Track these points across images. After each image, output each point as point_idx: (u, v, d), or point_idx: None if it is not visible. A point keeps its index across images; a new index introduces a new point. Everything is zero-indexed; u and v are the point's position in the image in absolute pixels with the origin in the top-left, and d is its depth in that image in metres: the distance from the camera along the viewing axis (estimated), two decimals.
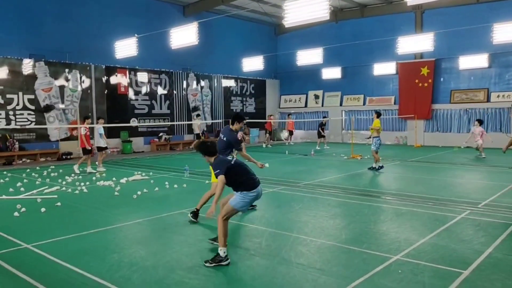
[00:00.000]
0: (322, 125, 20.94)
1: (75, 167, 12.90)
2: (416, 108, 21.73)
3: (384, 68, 22.93)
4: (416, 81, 21.95)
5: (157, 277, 4.51)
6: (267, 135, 23.01)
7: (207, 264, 4.84)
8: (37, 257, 5.25)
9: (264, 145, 21.82)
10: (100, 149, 13.51)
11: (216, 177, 5.02)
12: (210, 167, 5.47)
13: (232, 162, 5.13)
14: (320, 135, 20.71)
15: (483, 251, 5.18)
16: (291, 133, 24.06)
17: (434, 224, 6.46)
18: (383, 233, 6.07)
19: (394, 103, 23.09)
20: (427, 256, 5.02)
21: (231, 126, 7.18)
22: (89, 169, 13.01)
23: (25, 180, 11.32)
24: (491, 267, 4.69)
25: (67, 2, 17.86)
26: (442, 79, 21.64)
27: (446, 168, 13.14)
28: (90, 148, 13.10)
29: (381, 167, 12.43)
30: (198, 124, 12.41)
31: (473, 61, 20.23)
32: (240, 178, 5.05)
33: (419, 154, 17.09)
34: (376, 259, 4.97)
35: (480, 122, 16.42)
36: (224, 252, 4.87)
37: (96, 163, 13.50)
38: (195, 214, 6.85)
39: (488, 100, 20.17)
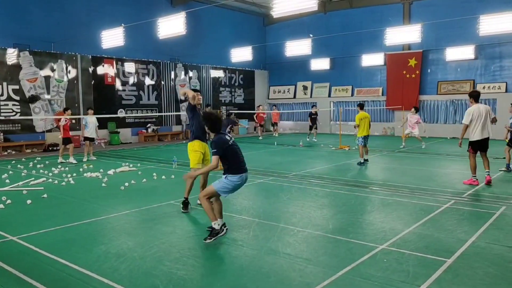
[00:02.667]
0: (312, 115, 20.37)
1: (69, 159, 13.04)
2: (403, 99, 21.88)
3: (372, 59, 23.04)
4: (404, 72, 22.10)
5: (144, 268, 4.51)
6: (260, 127, 22.90)
7: (207, 241, 5.18)
8: (23, 249, 5.20)
9: (260, 138, 21.62)
10: (87, 139, 13.64)
11: (212, 155, 5.19)
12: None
13: (230, 143, 5.26)
14: (311, 127, 20.19)
15: (467, 240, 5.28)
16: (275, 124, 23.99)
17: (419, 214, 6.55)
18: (369, 223, 6.15)
19: (382, 94, 23.23)
20: (412, 245, 5.11)
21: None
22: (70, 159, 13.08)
23: (10, 172, 11.18)
24: (474, 255, 4.79)
25: None
26: (429, 71, 21.81)
27: (432, 158, 13.30)
28: (70, 137, 13.16)
29: (360, 163, 11.98)
30: None
31: (459, 53, 20.43)
32: (230, 161, 5.22)
33: (406, 144, 17.24)
34: (362, 248, 5.03)
35: (416, 109, 16.34)
36: (218, 225, 5.23)
37: (89, 153, 13.81)
38: (185, 204, 6.94)
39: None
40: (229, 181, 5.23)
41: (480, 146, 8.66)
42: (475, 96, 8.65)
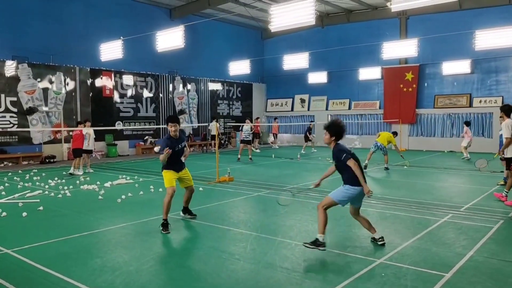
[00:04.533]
0: (309, 130, 21.05)
1: (76, 171, 13.06)
2: (400, 113, 22.00)
3: (369, 73, 23.19)
4: (401, 86, 22.24)
5: (140, 282, 4.47)
6: (256, 139, 22.95)
7: (307, 245, 5.17)
8: (17, 262, 5.15)
9: (254, 149, 21.66)
10: (86, 151, 13.66)
11: (346, 160, 5.25)
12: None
13: (352, 152, 5.38)
14: (307, 139, 20.75)
15: (465, 254, 5.26)
16: (275, 136, 24.23)
17: (417, 228, 6.53)
18: (367, 237, 6.11)
19: (379, 108, 23.33)
20: (410, 259, 5.08)
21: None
22: (77, 171, 13.08)
23: (6, 184, 11.12)
24: (472, 270, 4.76)
25: (52, 3, 17.67)
26: (426, 84, 21.96)
27: (429, 172, 13.31)
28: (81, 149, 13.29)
29: (365, 166, 13.29)
30: (217, 126, 12.93)
31: (456, 67, 20.60)
32: (351, 171, 5.25)
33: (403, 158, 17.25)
34: (360, 262, 5.00)
35: (466, 123, 16.91)
36: (323, 239, 5.17)
37: (86, 165, 13.82)
38: (165, 225, 6.52)
39: (470, 105, 20.54)
40: (347, 191, 5.33)
41: None
42: (506, 110, 8.36)
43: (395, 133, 14.76)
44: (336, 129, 5.38)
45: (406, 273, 4.65)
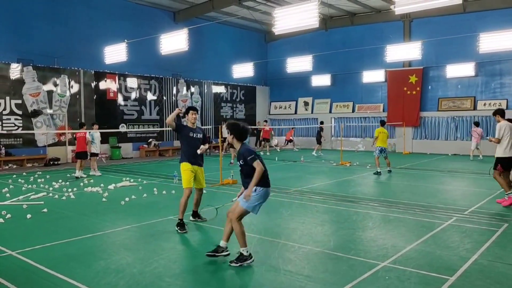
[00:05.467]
0: (321, 130, 21.17)
1: (78, 172, 13.04)
2: (404, 116, 21.96)
3: (373, 76, 23.16)
4: (405, 88, 22.20)
5: (144, 284, 4.47)
6: (264, 142, 22.94)
7: (233, 264, 4.98)
8: (21, 264, 5.17)
9: (263, 153, 21.61)
10: (93, 154, 13.74)
11: (253, 162, 4.90)
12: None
13: (257, 153, 5.11)
14: (319, 141, 20.87)
15: (469, 257, 5.24)
16: (288, 141, 24.43)
17: (420, 231, 6.51)
18: (370, 240, 6.10)
19: (383, 111, 23.29)
20: (414, 263, 5.06)
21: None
22: (78, 172, 13.06)
23: (11, 186, 11.16)
24: (477, 273, 4.74)
25: (56, 6, 17.76)
26: (430, 87, 21.91)
27: (433, 175, 13.26)
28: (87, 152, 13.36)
29: (377, 172, 13.27)
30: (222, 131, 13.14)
31: (460, 70, 20.55)
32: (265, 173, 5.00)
33: (407, 161, 17.22)
34: (364, 265, 4.99)
35: (475, 124, 17.63)
36: (248, 251, 5.03)
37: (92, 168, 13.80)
38: (181, 225, 6.64)
39: (475, 108, 20.46)
40: (259, 195, 5.02)
41: (509, 164, 8.35)
42: (501, 113, 8.48)
43: (383, 122, 14.51)
44: (233, 128, 5.09)
45: (410, 276, 4.64)
